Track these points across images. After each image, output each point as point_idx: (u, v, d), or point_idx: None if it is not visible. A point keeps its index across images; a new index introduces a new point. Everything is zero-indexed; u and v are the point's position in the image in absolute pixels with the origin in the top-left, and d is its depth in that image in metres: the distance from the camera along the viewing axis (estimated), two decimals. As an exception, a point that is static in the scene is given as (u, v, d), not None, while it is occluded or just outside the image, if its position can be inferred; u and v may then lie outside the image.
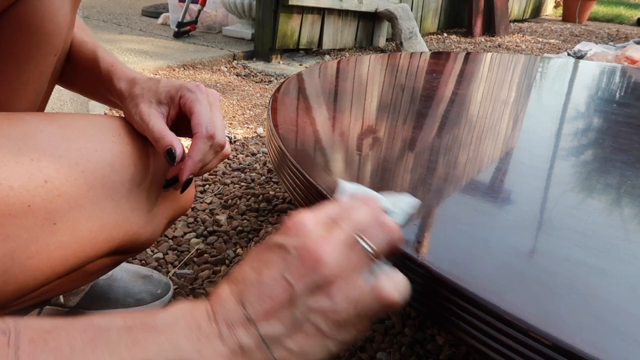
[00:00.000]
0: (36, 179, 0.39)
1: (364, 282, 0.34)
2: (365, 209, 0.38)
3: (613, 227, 0.50)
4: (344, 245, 0.35)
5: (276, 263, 0.34)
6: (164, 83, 0.52)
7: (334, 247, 0.34)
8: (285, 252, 0.34)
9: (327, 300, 0.33)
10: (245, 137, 1.51)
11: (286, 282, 0.33)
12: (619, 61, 2.83)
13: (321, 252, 0.33)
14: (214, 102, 0.52)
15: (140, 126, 0.50)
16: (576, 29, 5.37)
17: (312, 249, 0.34)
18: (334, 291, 0.33)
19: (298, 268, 0.33)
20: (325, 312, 0.33)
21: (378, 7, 3.05)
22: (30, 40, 0.47)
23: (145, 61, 2.16)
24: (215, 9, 3.08)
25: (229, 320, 0.32)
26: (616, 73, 1.47)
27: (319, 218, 0.36)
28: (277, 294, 0.33)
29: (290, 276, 0.33)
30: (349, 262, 0.34)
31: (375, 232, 0.36)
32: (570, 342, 0.32)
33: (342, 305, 0.33)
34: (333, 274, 0.33)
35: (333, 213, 0.37)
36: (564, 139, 0.79)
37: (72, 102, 1.23)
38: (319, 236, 0.35)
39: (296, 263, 0.33)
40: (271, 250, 0.35)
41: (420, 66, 1.27)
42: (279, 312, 0.33)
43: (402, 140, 0.69)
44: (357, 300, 0.33)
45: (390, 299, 0.34)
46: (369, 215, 0.37)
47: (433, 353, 0.69)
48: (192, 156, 0.48)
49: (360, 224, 0.36)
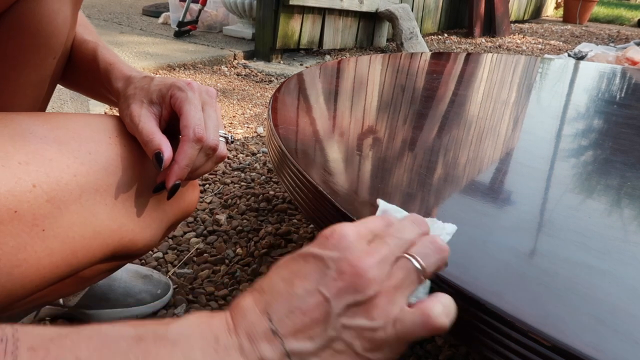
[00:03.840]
0: (24, 183, 0.38)
1: (407, 302, 0.32)
2: (413, 226, 0.36)
3: (613, 228, 0.50)
4: (389, 262, 0.33)
5: (311, 275, 0.32)
6: (157, 82, 0.49)
7: (377, 263, 0.32)
8: (323, 264, 0.32)
9: (365, 318, 0.31)
10: (246, 137, 1.51)
11: (322, 296, 0.31)
12: (619, 62, 2.83)
13: (364, 267, 0.31)
14: (208, 101, 0.49)
15: (130, 127, 0.47)
16: (577, 30, 5.37)
17: (353, 263, 0.31)
18: (374, 309, 0.31)
19: (336, 282, 0.31)
20: (361, 330, 0.31)
21: (379, 7, 3.05)
22: (28, 43, 0.46)
23: (146, 60, 2.16)
24: (216, 9, 3.08)
25: (251, 333, 0.30)
26: (617, 74, 1.47)
27: (362, 231, 0.34)
28: (311, 308, 0.30)
29: (327, 290, 0.31)
30: (393, 280, 0.32)
31: (425, 251, 0.34)
32: (570, 343, 0.32)
33: (381, 324, 0.31)
34: (375, 291, 0.31)
35: (377, 228, 0.35)
36: (565, 140, 0.79)
37: (72, 102, 1.23)
38: (362, 250, 0.32)
39: (335, 277, 0.31)
40: (305, 260, 0.33)
41: (421, 67, 1.27)
42: (310, 328, 0.30)
43: (402, 140, 0.69)
44: (398, 320, 0.31)
45: (439, 323, 0.31)
46: (417, 232, 0.35)
47: (432, 353, 0.69)
48: (178, 161, 0.45)
49: (408, 240, 0.34)
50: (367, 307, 0.31)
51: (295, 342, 0.30)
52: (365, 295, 0.31)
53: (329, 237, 0.33)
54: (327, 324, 0.30)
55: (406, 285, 0.33)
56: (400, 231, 0.35)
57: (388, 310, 0.31)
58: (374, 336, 0.31)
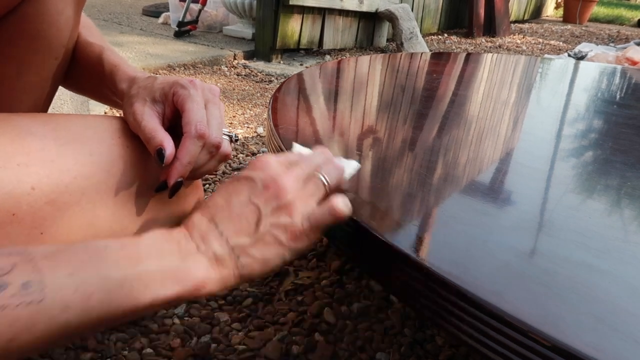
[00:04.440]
0: (23, 186, 0.37)
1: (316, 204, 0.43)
2: (321, 155, 0.47)
3: (613, 228, 0.50)
4: (302, 178, 0.43)
5: (244, 191, 0.42)
6: (160, 80, 0.49)
7: (293, 178, 0.42)
8: (252, 182, 0.42)
9: (287, 216, 0.41)
10: (246, 137, 1.51)
11: (254, 204, 0.41)
12: (619, 62, 2.83)
13: (283, 180, 0.41)
14: (211, 99, 0.49)
15: (133, 126, 0.47)
16: (577, 30, 5.37)
17: (275, 179, 0.41)
18: (293, 210, 0.41)
19: (264, 193, 0.41)
20: (285, 226, 0.40)
21: (379, 7, 3.05)
22: (30, 45, 0.46)
23: (146, 60, 2.16)
24: (216, 9, 3.08)
25: (203, 236, 0.39)
26: (616, 74, 1.47)
27: (281, 159, 0.44)
28: (246, 213, 0.40)
29: (257, 199, 0.41)
30: (306, 190, 0.43)
31: (329, 171, 0.45)
32: (570, 342, 0.32)
33: (298, 220, 0.41)
34: (292, 197, 0.41)
35: (292, 158, 0.46)
36: (565, 140, 0.79)
37: (72, 101, 1.23)
38: (281, 170, 0.43)
39: (262, 190, 0.41)
40: (238, 181, 0.43)
41: (421, 67, 1.27)
42: (247, 228, 0.40)
43: (402, 140, 0.69)
44: (311, 214, 0.42)
45: (341, 209, 0.42)
46: (324, 159, 0.47)
47: (432, 353, 0.69)
48: (180, 158, 0.45)
49: (316, 164, 0.45)
50: (288, 208, 0.41)
51: (237, 239, 0.40)
52: (286, 200, 0.41)
53: (256, 163, 0.43)
54: (259, 223, 0.40)
55: (317, 194, 0.43)
56: (310, 159, 0.46)
57: (303, 210, 0.42)
58: (295, 229, 0.41)
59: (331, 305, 0.76)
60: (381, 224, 0.45)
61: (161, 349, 0.65)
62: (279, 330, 0.71)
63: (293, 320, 0.73)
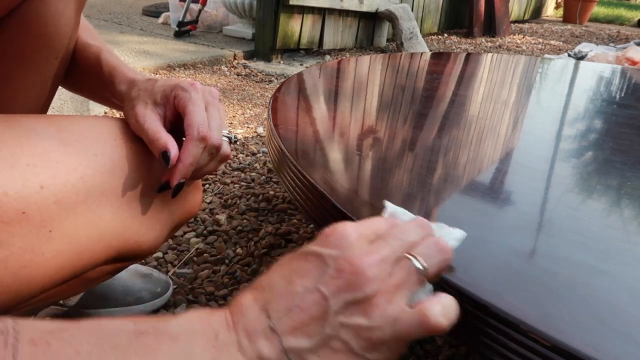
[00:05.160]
0: (32, 185, 0.38)
1: (407, 302, 0.32)
2: (417, 228, 0.36)
3: (613, 228, 0.50)
4: (389, 262, 0.33)
5: (310, 273, 0.32)
6: (161, 83, 0.49)
7: (377, 262, 0.32)
8: (322, 263, 0.32)
9: (363, 317, 0.31)
10: (246, 137, 1.51)
11: (320, 294, 0.31)
12: (619, 62, 2.83)
13: (363, 265, 0.31)
14: (211, 101, 0.49)
15: (136, 128, 0.48)
16: (577, 30, 5.37)
17: (353, 262, 0.31)
18: (372, 308, 0.31)
19: (335, 280, 0.31)
20: (359, 329, 0.31)
21: (379, 7, 3.05)
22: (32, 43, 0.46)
23: (146, 60, 2.16)
24: (216, 9, 3.08)
25: (250, 330, 0.31)
26: (616, 74, 1.47)
27: (364, 231, 0.34)
28: (309, 306, 0.31)
29: (325, 288, 0.31)
30: (393, 280, 0.32)
31: (428, 252, 0.34)
32: (570, 343, 0.32)
33: (379, 323, 0.31)
34: (374, 290, 0.31)
35: (380, 229, 0.35)
36: (564, 140, 0.79)
37: (72, 102, 1.23)
38: (362, 249, 0.32)
39: (334, 275, 0.31)
40: (305, 259, 0.33)
41: (421, 67, 1.27)
42: (308, 326, 0.31)
43: (402, 140, 0.69)
44: (397, 320, 0.31)
45: (436, 323, 0.31)
46: (421, 234, 0.35)
47: (432, 353, 0.69)
48: (183, 159, 0.45)
49: (411, 242, 0.34)
50: (366, 306, 0.31)
51: (293, 340, 0.30)
52: (364, 294, 0.31)
53: (329, 236, 0.33)
54: (324, 322, 0.30)
55: (407, 285, 0.32)
56: (403, 232, 0.35)
57: (387, 310, 0.31)
58: (372, 336, 0.31)
59: (331, 305, 0.76)
60: (381, 224, 0.45)
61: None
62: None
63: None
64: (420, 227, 0.36)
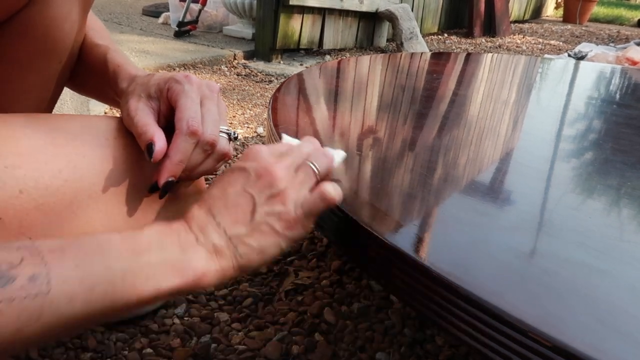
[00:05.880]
0: (10, 189, 0.36)
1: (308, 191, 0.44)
2: (308, 143, 0.49)
3: (613, 228, 0.50)
4: (293, 167, 0.44)
5: (238, 181, 0.42)
6: (157, 76, 0.47)
7: (285, 167, 0.43)
8: (246, 172, 0.42)
9: (281, 205, 0.41)
10: (246, 137, 1.51)
11: (248, 194, 0.41)
12: (619, 62, 2.83)
13: (275, 170, 0.42)
14: (209, 95, 0.47)
15: (127, 122, 0.46)
16: (577, 30, 5.37)
17: (267, 168, 0.42)
18: (285, 198, 0.42)
19: (257, 182, 0.42)
20: (279, 214, 0.41)
21: (379, 7, 3.05)
22: (34, 48, 0.46)
23: (146, 60, 2.16)
24: (216, 9, 3.08)
25: (202, 228, 0.40)
26: (616, 74, 1.47)
27: (272, 150, 0.45)
28: (241, 203, 0.41)
29: (251, 189, 0.42)
30: (297, 178, 0.43)
31: (318, 159, 0.46)
32: (570, 343, 0.32)
33: (292, 207, 0.42)
34: (284, 186, 0.42)
35: (282, 148, 0.46)
36: (565, 140, 0.79)
37: (72, 101, 1.23)
38: (273, 160, 0.43)
39: (255, 179, 0.42)
40: (232, 172, 0.43)
41: (421, 67, 1.27)
42: (243, 217, 0.41)
43: (402, 140, 0.69)
44: (304, 202, 0.42)
45: (330, 194, 0.43)
46: (312, 147, 0.48)
47: (432, 353, 0.69)
48: (170, 156, 0.43)
49: (306, 153, 0.46)
50: (281, 197, 0.42)
51: (234, 229, 0.40)
52: (278, 189, 0.42)
53: (248, 154, 0.44)
54: (254, 213, 0.41)
55: (307, 181, 0.44)
56: (300, 148, 0.47)
57: (296, 197, 0.42)
58: (289, 217, 0.41)
59: (331, 305, 0.76)
60: (381, 224, 0.45)
61: (161, 349, 0.65)
62: (279, 331, 0.71)
63: (293, 320, 0.73)
64: (310, 142, 0.49)
